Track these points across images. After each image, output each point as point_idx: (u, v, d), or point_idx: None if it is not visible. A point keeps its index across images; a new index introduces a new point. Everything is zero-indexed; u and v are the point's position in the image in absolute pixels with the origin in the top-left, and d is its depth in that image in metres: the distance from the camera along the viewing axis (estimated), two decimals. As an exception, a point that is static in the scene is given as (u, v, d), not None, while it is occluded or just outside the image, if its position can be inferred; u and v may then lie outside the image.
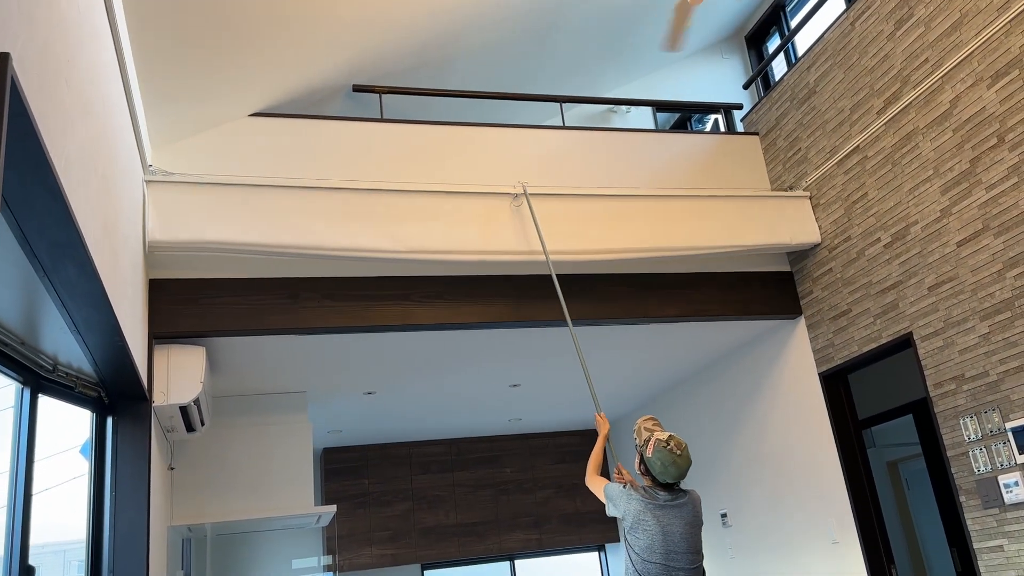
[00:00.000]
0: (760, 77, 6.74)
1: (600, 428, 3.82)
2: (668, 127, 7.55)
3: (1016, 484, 4.06)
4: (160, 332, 4.37)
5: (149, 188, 4.20)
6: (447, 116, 5.83)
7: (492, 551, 8.26)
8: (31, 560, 2.91)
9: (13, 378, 3.01)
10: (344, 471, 8.05)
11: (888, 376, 6.19)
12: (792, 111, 5.65)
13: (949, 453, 4.44)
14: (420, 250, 4.56)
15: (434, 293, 4.86)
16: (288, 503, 5.47)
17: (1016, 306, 4.06)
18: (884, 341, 4.87)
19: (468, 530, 8.24)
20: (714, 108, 6.59)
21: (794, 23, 6.59)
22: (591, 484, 3.53)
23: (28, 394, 3.06)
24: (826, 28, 5.33)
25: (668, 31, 4.77)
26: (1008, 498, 4.10)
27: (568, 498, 8.64)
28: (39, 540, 3.05)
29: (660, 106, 6.58)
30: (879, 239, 4.91)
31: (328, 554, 7.79)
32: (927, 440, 5.82)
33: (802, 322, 5.60)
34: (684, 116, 7.46)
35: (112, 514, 3.84)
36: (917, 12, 4.60)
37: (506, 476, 8.54)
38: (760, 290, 5.57)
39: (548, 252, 4.68)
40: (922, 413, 5.74)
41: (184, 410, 4.37)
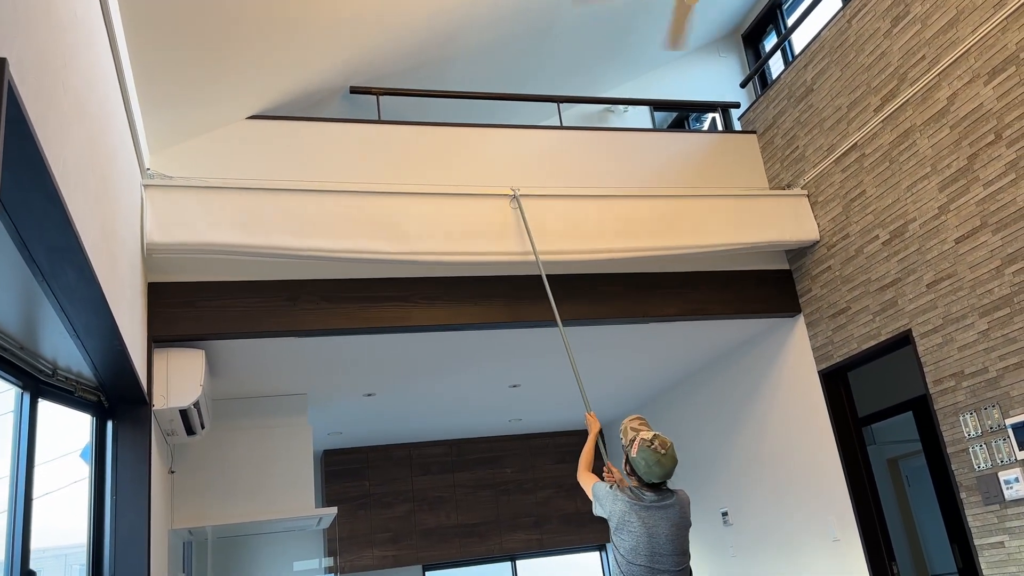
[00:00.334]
0: (757, 75, 6.74)
1: (591, 427, 3.80)
2: (666, 126, 7.56)
3: (1016, 480, 4.06)
4: (159, 335, 4.36)
5: (147, 192, 4.20)
6: (445, 117, 5.83)
7: (493, 551, 8.26)
8: (32, 564, 2.91)
9: (13, 383, 3.01)
10: (345, 473, 8.05)
11: (888, 373, 6.20)
12: (789, 109, 5.65)
13: (949, 450, 4.45)
14: (418, 251, 4.57)
15: (433, 295, 4.86)
16: (289, 505, 5.47)
17: (1015, 302, 4.07)
18: (883, 338, 4.88)
19: (469, 531, 8.25)
20: (711, 107, 6.59)
21: (791, 21, 6.59)
22: (582, 481, 3.50)
23: (28, 399, 3.06)
24: (823, 26, 5.33)
25: (670, 29, 4.77)
26: (1008, 494, 4.10)
27: (569, 498, 8.64)
28: (40, 544, 3.05)
29: (657, 105, 6.59)
30: (877, 236, 4.91)
31: (329, 556, 7.79)
32: (927, 437, 5.82)
33: (801, 320, 5.60)
34: (681, 115, 7.46)
35: (113, 518, 3.84)
36: (913, 9, 4.61)
37: (506, 476, 8.54)
38: (759, 288, 5.57)
39: (539, 254, 4.70)
40: (922, 410, 5.75)
41: (184, 413, 4.37)
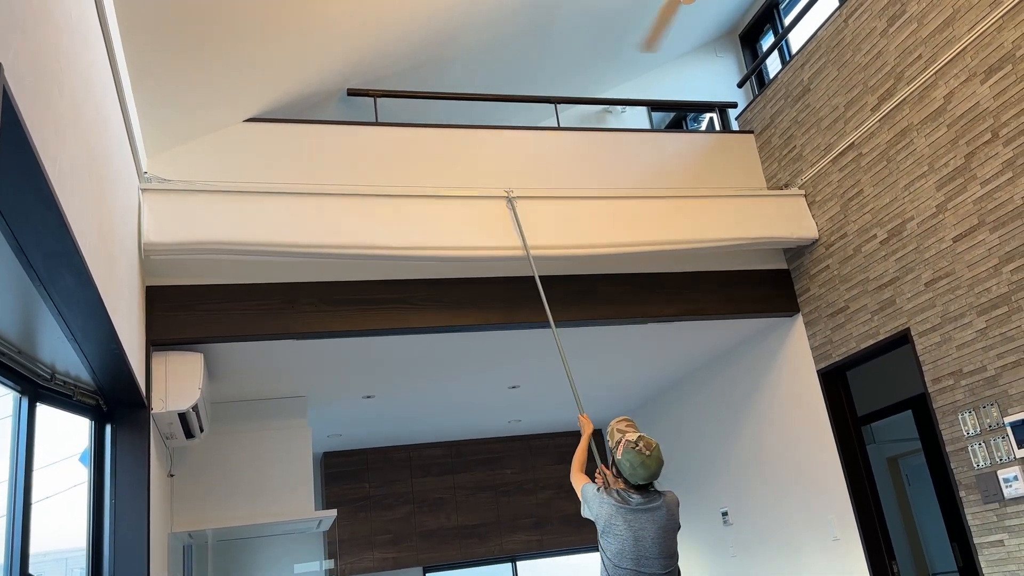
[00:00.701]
0: (754, 75, 6.74)
1: (584, 429, 3.80)
2: (663, 127, 7.56)
3: (1015, 479, 4.06)
4: (157, 339, 4.36)
5: (144, 195, 4.20)
6: (442, 119, 5.83)
7: (494, 553, 8.25)
8: (32, 568, 2.91)
9: (11, 387, 3.01)
10: (344, 475, 8.05)
11: (886, 372, 6.20)
12: (787, 109, 5.66)
13: (948, 448, 4.45)
14: (416, 247, 4.56)
15: (431, 296, 4.86)
16: (289, 508, 5.47)
17: (1013, 301, 4.07)
18: (882, 337, 4.88)
19: (469, 532, 8.24)
20: (709, 107, 6.60)
21: (787, 21, 6.60)
22: (573, 482, 3.47)
23: (26, 403, 3.05)
24: (819, 25, 5.34)
25: (650, 30, 4.77)
26: (1008, 493, 4.10)
27: (569, 499, 8.63)
28: (40, 548, 3.05)
29: (655, 106, 6.59)
30: (875, 235, 4.91)
31: (329, 558, 7.79)
32: (926, 436, 5.83)
33: (800, 320, 5.60)
34: (679, 115, 7.46)
35: (112, 522, 3.84)
36: (910, 8, 4.61)
37: (507, 477, 8.54)
38: (757, 288, 5.57)
39: (535, 251, 4.72)
40: (921, 409, 5.75)
41: (183, 417, 4.37)
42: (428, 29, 5.07)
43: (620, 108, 7.23)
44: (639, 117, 7.16)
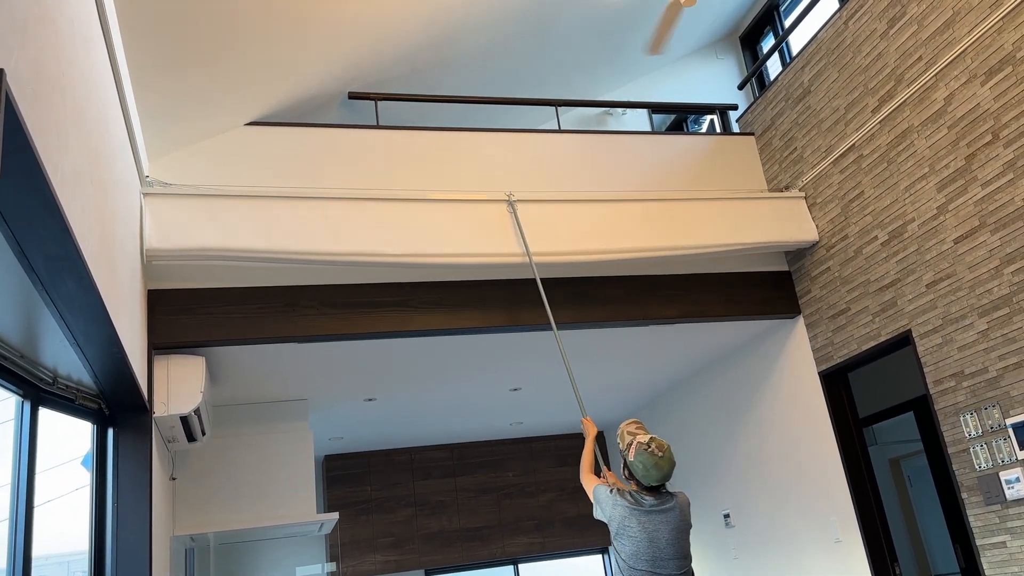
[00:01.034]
0: (755, 77, 6.75)
1: (588, 432, 3.80)
2: (664, 129, 7.56)
3: (1018, 480, 4.06)
4: (159, 342, 4.37)
5: (146, 200, 4.20)
6: (443, 121, 5.83)
7: (496, 555, 8.25)
8: (34, 572, 2.92)
9: (13, 391, 3.01)
10: (346, 478, 8.05)
11: (888, 374, 6.20)
12: (787, 111, 5.66)
13: (950, 450, 4.44)
14: (418, 253, 4.57)
15: (432, 299, 4.86)
16: (290, 511, 5.47)
17: (1014, 302, 4.07)
18: (883, 339, 4.88)
19: (471, 535, 8.24)
20: (710, 109, 6.60)
21: (788, 23, 6.60)
22: (584, 483, 3.49)
23: (28, 407, 3.06)
24: (820, 27, 5.34)
25: (654, 32, 4.78)
26: (1010, 494, 4.10)
27: (571, 501, 8.63)
28: (42, 552, 3.05)
29: (656, 108, 6.59)
30: (876, 237, 4.91)
31: (331, 561, 7.78)
32: (928, 437, 5.82)
33: (801, 321, 5.60)
34: (680, 117, 7.47)
35: (114, 525, 3.84)
36: (910, 10, 4.61)
37: (508, 480, 8.54)
38: (758, 290, 5.57)
39: (536, 256, 4.73)
40: (923, 410, 5.75)
41: (185, 420, 4.37)
42: (429, 32, 5.08)
43: (621, 110, 7.24)
44: (640, 119, 7.17)
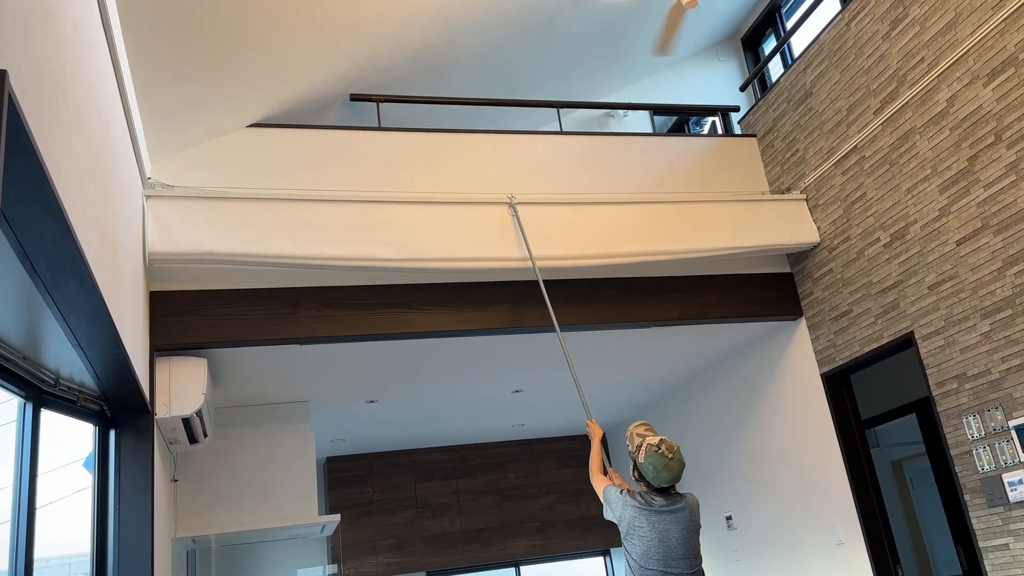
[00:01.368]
0: (757, 79, 6.74)
1: (593, 434, 3.80)
2: (666, 130, 7.56)
3: (1020, 482, 4.05)
4: (161, 344, 4.37)
5: (148, 202, 4.21)
6: (445, 123, 5.83)
7: (498, 557, 8.24)
8: (36, 574, 2.91)
9: (15, 393, 3.02)
10: (348, 480, 8.04)
11: (890, 376, 6.19)
12: (789, 112, 5.66)
13: (953, 452, 4.44)
14: (420, 258, 4.57)
15: (434, 301, 4.86)
16: (292, 513, 5.46)
17: (1017, 304, 4.06)
18: (885, 341, 4.87)
19: (473, 537, 8.23)
20: (711, 111, 6.60)
21: (790, 24, 6.60)
22: (594, 483, 3.52)
23: (30, 409, 3.06)
24: (822, 29, 5.34)
25: (660, 34, 4.78)
26: (1013, 496, 4.09)
27: (572, 503, 8.62)
28: (44, 554, 3.05)
29: (657, 110, 6.59)
30: (878, 239, 4.91)
31: (333, 563, 7.78)
32: (931, 439, 5.81)
33: (803, 323, 5.60)
34: (681, 119, 7.47)
35: (116, 527, 3.84)
36: (912, 12, 4.61)
37: (510, 482, 8.53)
38: (760, 292, 5.57)
39: (539, 260, 4.73)
40: (925, 412, 5.74)
41: (187, 422, 4.37)
42: (430, 34, 5.08)
43: (622, 112, 7.23)
44: (641, 121, 7.16)
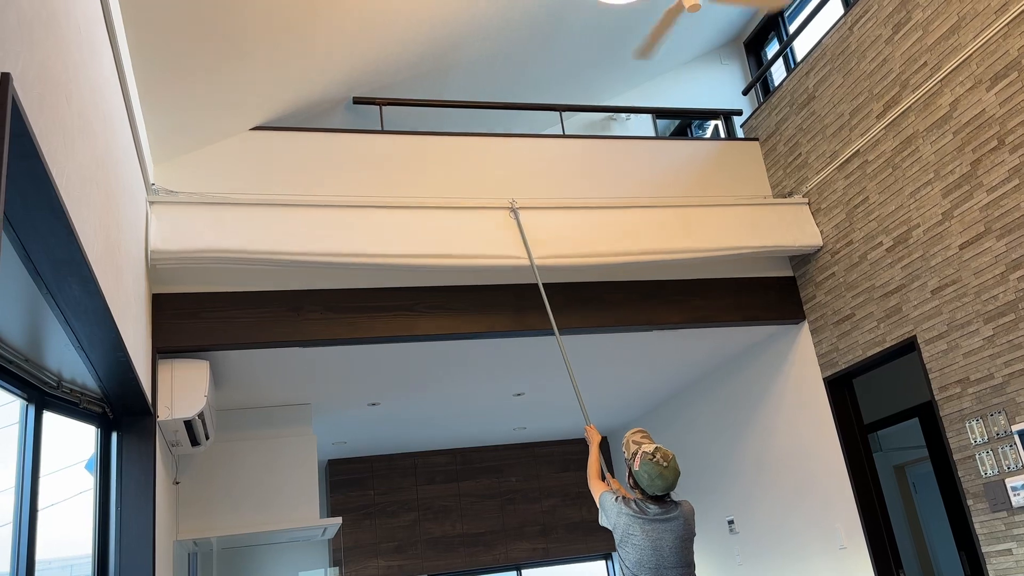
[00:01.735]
0: (759, 83, 6.74)
1: (591, 440, 3.80)
2: (668, 134, 7.56)
3: (1023, 487, 4.04)
4: (164, 346, 4.37)
5: (152, 208, 4.22)
6: (447, 126, 5.84)
7: (499, 561, 8.23)
8: (38, 575, 2.92)
9: (18, 395, 3.02)
10: (349, 482, 8.04)
11: (893, 380, 6.18)
12: (792, 116, 5.66)
13: (956, 457, 4.43)
14: (426, 254, 4.57)
15: (436, 304, 4.86)
16: (294, 515, 5.46)
17: (1020, 308, 4.05)
18: (888, 345, 4.86)
19: (474, 540, 8.23)
20: (714, 114, 6.60)
21: (792, 28, 6.60)
22: (592, 488, 3.53)
23: (33, 411, 3.06)
24: (824, 33, 5.34)
25: (648, 36, 4.77)
26: (1016, 501, 4.08)
27: (574, 507, 8.62)
28: (45, 556, 3.05)
29: (660, 113, 6.59)
30: (881, 243, 4.90)
31: (334, 566, 7.78)
32: (933, 444, 5.80)
33: (805, 327, 5.59)
34: (684, 123, 7.47)
35: (118, 529, 3.84)
36: (915, 16, 4.61)
37: (512, 485, 8.53)
38: (763, 295, 5.56)
39: (540, 260, 4.74)
40: (928, 417, 5.73)
41: (189, 424, 4.37)
42: (433, 37, 5.09)
43: (625, 115, 7.24)
44: (644, 125, 7.16)
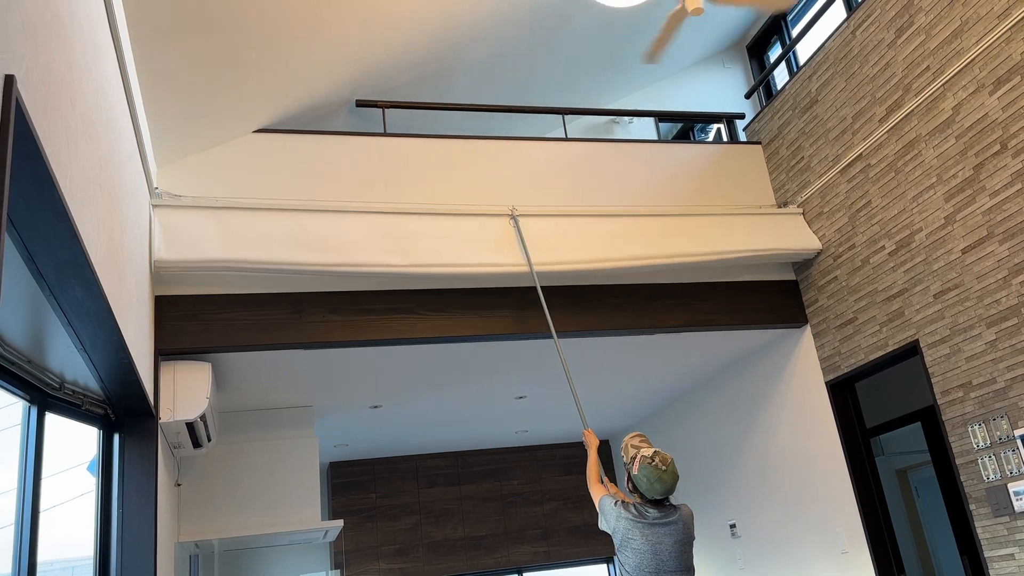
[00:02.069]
0: (762, 86, 6.75)
1: (590, 444, 3.80)
2: (671, 137, 7.56)
3: (1026, 492, 4.03)
4: (166, 348, 4.38)
5: (155, 211, 4.23)
6: (450, 129, 5.85)
7: (500, 564, 8.22)
8: (39, 578, 2.92)
9: (20, 396, 3.02)
10: (351, 485, 8.04)
11: (895, 384, 6.17)
12: (794, 120, 5.66)
13: (958, 461, 4.42)
14: (427, 263, 4.58)
15: (438, 307, 4.87)
16: (295, 518, 5.46)
17: (1022, 313, 4.05)
18: (891, 349, 4.86)
19: (476, 543, 8.22)
20: (716, 118, 6.60)
21: (795, 32, 6.60)
22: (592, 492, 3.54)
23: (35, 412, 3.06)
24: (827, 37, 5.34)
25: (655, 40, 4.78)
26: (1018, 506, 4.07)
27: (576, 510, 8.61)
28: (47, 557, 3.05)
29: (663, 116, 6.59)
30: (883, 247, 4.90)
31: (336, 569, 7.77)
32: (936, 448, 5.79)
33: (808, 331, 5.59)
34: (687, 126, 7.47)
35: (119, 531, 3.84)
36: (918, 20, 4.61)
37: (513, 488, 8.52)
38: (765, 299, 5.56)
39: (540, 266, 4.76)
40: (930, 421, 5.72)
41: (191, 426, 4.38)
42: (436, 40, 5.09)
43: (628, 119, 7.24)
44: (646, 128, 7.17)
